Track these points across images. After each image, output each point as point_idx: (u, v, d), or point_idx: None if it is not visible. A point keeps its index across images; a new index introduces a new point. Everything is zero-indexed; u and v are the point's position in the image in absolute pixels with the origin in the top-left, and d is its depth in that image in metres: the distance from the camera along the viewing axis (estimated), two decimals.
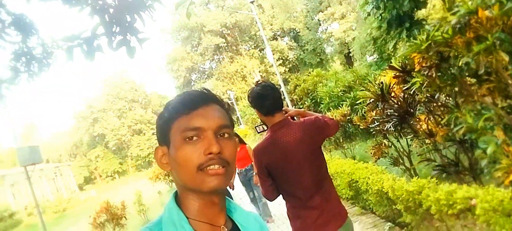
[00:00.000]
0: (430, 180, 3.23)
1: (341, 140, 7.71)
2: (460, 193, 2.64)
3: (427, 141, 4.25)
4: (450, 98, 3.83)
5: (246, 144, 6.00)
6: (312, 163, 1.97)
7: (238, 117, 44.22)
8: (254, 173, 5.72)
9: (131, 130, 60.18)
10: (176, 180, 0.84)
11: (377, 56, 14.14)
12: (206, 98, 0.83)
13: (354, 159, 7.04)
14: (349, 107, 8.16)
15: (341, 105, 9.25)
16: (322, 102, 10.26)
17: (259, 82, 2.04)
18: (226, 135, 0.82)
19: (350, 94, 9.16)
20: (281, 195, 2.10)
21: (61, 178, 41.02)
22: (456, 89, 3.31)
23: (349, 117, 7.61)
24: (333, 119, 2.17)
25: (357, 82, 9.14)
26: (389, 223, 4.16)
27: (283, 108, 2.08)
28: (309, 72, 12.50)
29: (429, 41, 2.89)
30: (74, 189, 44.51)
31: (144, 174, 40.77)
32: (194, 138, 0.78)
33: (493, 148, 2.87)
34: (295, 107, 11.32)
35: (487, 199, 2.43)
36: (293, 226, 2.05)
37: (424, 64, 3.06)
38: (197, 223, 0.82)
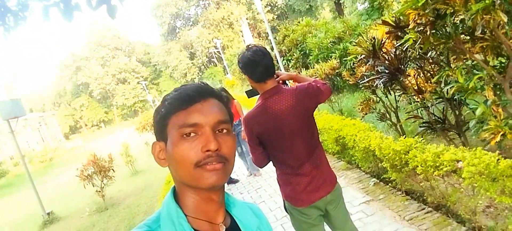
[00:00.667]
0: (418, 140, 3.23)
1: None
2: (447, 155, 2.65)
3: (415, 97, 4.24)
4: (442, 56, 3.78)
5: (234, 99, 5.91)
6: (304, 131, 1.93)
7: (224, 66, 43.63)
8: (242, 129, 5.68)
9: (115, 79, 59.13)
10: (174, 176, 0.82)
11: (368, 5, 13.81)
12: (203, 93, 0.80)
13: (341, 113, 7.06)
14: (338, 60, 8.05)
15: (330, 57, 9.14)
16: (311, 54, 10.09)
17: (250, 46, 1.93)
18: (224, 131, 0.80)
19: (339, 45, 9.01)
20: (271, 162, 2.07)
21: (46, 128, 40.68)
22: (449, 46, 3.23)
23: (338, 70, 7.53)
24: (326, 83, 2.08)
25: (347, 33, 8.95)
26: (374, 179, 4.23)
27: (276, 72, 1.98)
28: (299, 22, 12.13)
29: None
30: (60, 139, 44.35)
31: (130, 123, 40.73)
32: (192, 134, 0.76)
33: (483, 108, 2.85)
34: (283, 60, 11.13)
35: (474, 162, 2.43)
36: (283, 192, 2.04)
37: (419, 21, 2.94)
38: (196, 220, 0.80)
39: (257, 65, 1.88)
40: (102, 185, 7.83)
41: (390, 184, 3.96)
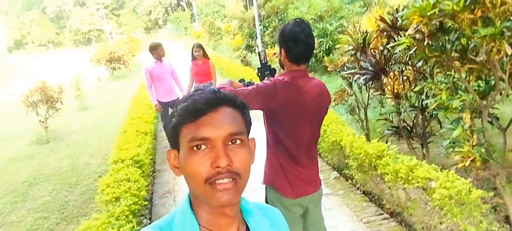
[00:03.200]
0: (390, 146, 3.23)
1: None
2: (421, 172, 2.66)
3: (390, 100, 4.25)
4: (427, 66, 3.76)
5: (209, 59, 5.60)
6: (315, 122, 1.91)
7: (193, 13, 41.99)
8: None
9: (74, 0, 54.73)
10: (188, 186, 0.79)
11: None
12: (213, 103, 0.74)
13: None
14: (316, 39, 7.93)
15: None
16: None
17: (298, 21, 1.82)
18: (237, 142, 0.74)
19: (319, 25, 8.85)
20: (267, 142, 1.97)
21: None
22: (441, 60, 3.20)
23: (314, 50, 7.42)
24: None
25: (329, 13, 8.79)
26: (335, 172, 4.26)
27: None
28: None
29: (435, 10, 2.65)
30: (2, 50, 40.75)
31: (82, 51, 38.38)
32: (202, 147, 0.72)
33: (460, 131, 2.87)
34: (261, 25, 10.75)
35: (446, 185, 2.45)
36: (272, 179, 1.93)
37: (423, 30, 2.84)
38: None
39: (301, 43, 1.77)
40: (47, 116, 7.25)
41: (350, 181, 4.00)
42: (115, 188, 3.14)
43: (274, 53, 8.53)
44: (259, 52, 2.08)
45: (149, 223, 3.65)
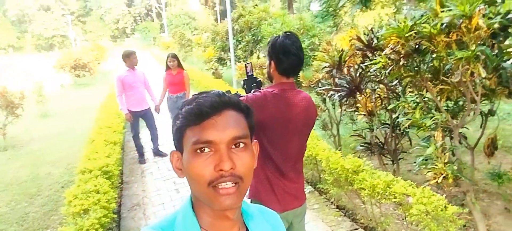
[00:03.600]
0: (366, 162, 3.28)
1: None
2: (398, 188, 2.71)
3: (362, 117, 4.34)
4: (401, 86, 3.89)
5: (184, 69, 5.50)
6: (302, 137, 1.90)
7: (163, 24, 41.53)
8: None
9: (38, 4, 52.58)
10: (190, 188, 0.79)
11: (322, 9, 14.06)
12: (218, 106, 0.74)
13: None
14: None
15: None
16: (263, 41, 9.96)
17: (288, 34, 1.81)
18: (241, 145, 0.75)
19: None
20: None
21: None
22: (414, 80, 3.31)
23: None
24: None
25: (302, 31, 8.97)
26: (310, 186, 4.27)
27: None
28: (256, 4, 11.87)
29: (412, 32, 2.76)
30: None
31: (43, 56, 36.79)
32: (206, 150, 0.72)
33: (433, 149, 2.96)
34: (234, 39, 10.77)
35: (423, 201, 2.51)
36: (257, 192, 1.89)
37: (400, 50, 2.93)
38: None
39: (292, 56, 1.77)
40: (6, 122, 6.82)
41: (324, 196, 4.02)
42: (84, 200, 2.97)
43: (248, 63, 8.56)
44: (245, 64, 2.05)
45: None
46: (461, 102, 3.58)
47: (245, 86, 2.03)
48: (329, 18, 12.88)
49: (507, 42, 2.79)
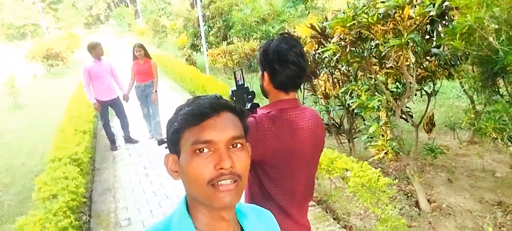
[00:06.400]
0: None
1: (243, 72, 7.84)
2: (339, 163, 3.01)
3: (322, 100, 4.64)
4: (351, 70, 4.18)
5: (151, 58, 5.63)
6: (311, 168, 1.51)
7: (137, 10, 40.74)
8: (154, 91, 5.50)
9: None
10: (187, 190, 0.81)
11: None
12: (217, 108, 0.77)
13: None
14: (259, 41, 8.23)
15: (251, 36, 9.29)
16: (234, 27, 10.10)
17: (285, 36, 1.42)
18: (238, 145, 0.78)
19: (262, 27, 9.19)
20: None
21: None
22: (361, 65, 3.59)
23: (257, 52, 7.71)
24: None
25: (271, 16, 9.16)
26: None
27: None
28: None
29: (354, 21, 3.01)
30: None
31: (15, 46, 35.64)
32: (205, 150, 0.74)
33: (375, 127, 3.25)
34: (205, 26, 10.84)
35: (359, 174, 2.82)
36: None
37: (342, 38, 3.20)
38: None
39: (290, 64, 1.36)
40: None
41: None
42: (53, 186, 3.15)
43: (218, 54, 8.70)
44: (234, 72, 1.60)
45: (88, 220, 3.69)
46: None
47: (233, 97, 1.58)
48: (300, 3, 13.10)
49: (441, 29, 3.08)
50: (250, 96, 1.58)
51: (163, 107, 6.14)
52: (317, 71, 4.27)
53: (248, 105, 1.56)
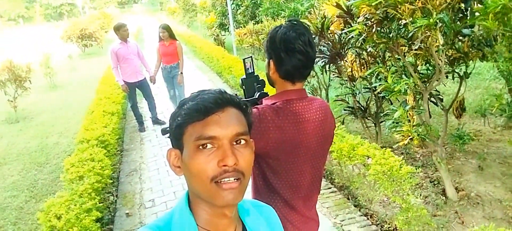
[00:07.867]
0: (339, 126, 3.47)
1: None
2: (361, 150, 2.91)
3: (348, 83, 4.49)
4: (379, 51, 4.00)
5: (177, 40, 5.65)
6: (318, 161, 1.46)
7: None
8: (180, 72, 5.54)
9: None
10: (189, 186, 0.80)
11: None
12: (221, 103, 0.75)
13: None
14: (286, 19, 8.02)
15: (280, 15, 9.10)
16: (262, 5, 9.92)
17: (293, 23, 1.35)
18: (242, 142, 0.76)
19: (291, 5, 8.96)
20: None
21: None
22: (388, 46, 3.42)
23: None
24: None
25: None
26: None
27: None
28: None
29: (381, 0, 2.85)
30: None
31: (53, 26, 37.01)
32: (208, 146, 0.73)
33: (401, 112, 3.12)
34: (233, 3, 10.68)
35: (381, 162, 2.72)
36: None
37: (368, 17, 3.05)
38: None
39: (297, 53, 1.30)
40: (16, 95, 7.18)
41: None
42: (79, 167, 3.27)
43: (245, 33, 8.61)
44: (244, 59, 1.53)
45: (115, 200, 3.83)
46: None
47: (243, 86, 1.53)
48: None
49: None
50: (259, 85, 1.53)
51: (189, 88, 6.19)
52: (342, 52, 4.12)
53: (257, 95, 1.52)
